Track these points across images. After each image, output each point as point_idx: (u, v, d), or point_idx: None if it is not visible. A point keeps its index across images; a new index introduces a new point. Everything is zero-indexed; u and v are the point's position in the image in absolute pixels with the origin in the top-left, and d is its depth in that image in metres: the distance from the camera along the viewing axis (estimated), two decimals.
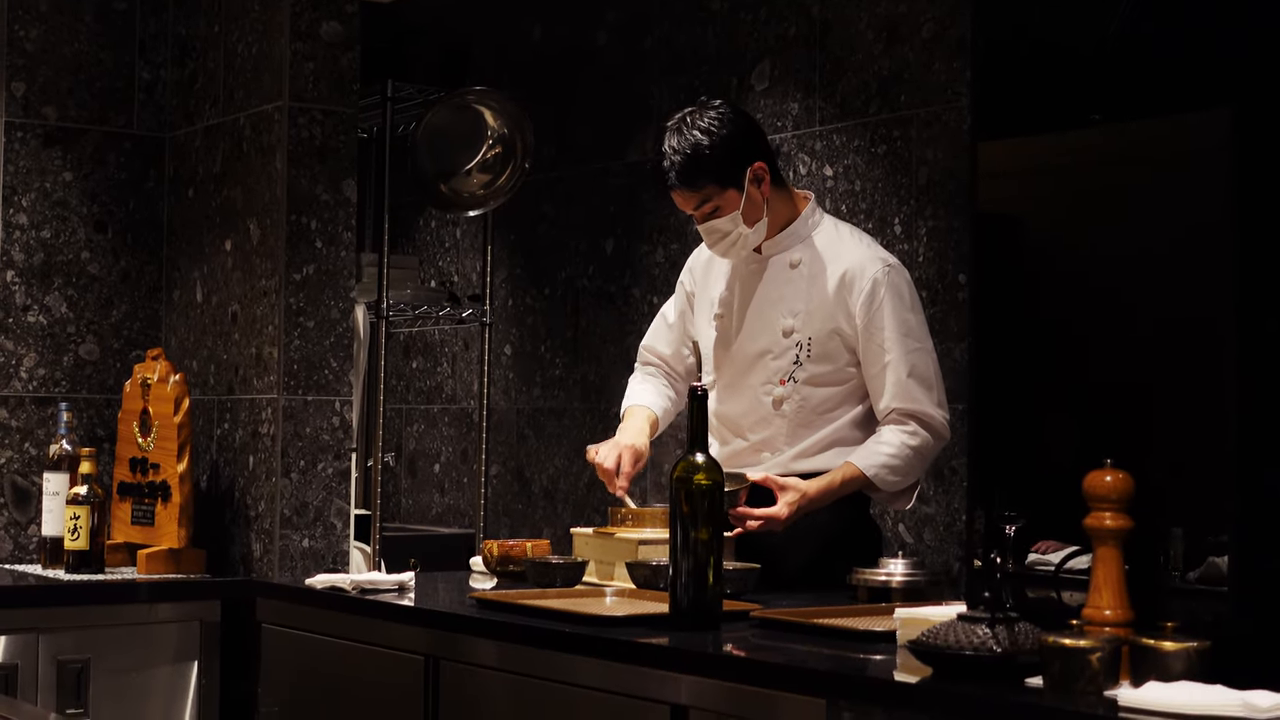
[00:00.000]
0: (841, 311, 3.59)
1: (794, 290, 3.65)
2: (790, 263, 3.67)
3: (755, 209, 3.61)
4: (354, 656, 3.37)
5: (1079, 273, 3.39)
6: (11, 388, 4.70)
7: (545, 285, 5.28)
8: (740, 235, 3.62)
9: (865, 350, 3.58)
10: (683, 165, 3.57)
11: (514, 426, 5.36)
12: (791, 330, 3.64)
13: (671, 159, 3.58)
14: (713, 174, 3.58)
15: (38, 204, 4.75)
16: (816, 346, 3.61)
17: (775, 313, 3.66)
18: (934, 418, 3.56)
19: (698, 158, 3.57)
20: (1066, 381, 3.32)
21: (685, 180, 3.58)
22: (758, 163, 3.60)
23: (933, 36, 4.13)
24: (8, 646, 4.01)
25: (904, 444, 3.54)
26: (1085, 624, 2.48)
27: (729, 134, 3.59)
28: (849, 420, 3.63)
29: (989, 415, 3.39)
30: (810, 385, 3.62)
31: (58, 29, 4.78)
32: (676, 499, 2.99)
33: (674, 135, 3.60)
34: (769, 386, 3.66)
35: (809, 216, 3.70)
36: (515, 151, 4.86)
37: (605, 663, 2.89)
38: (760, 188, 3.61)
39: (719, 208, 3.60)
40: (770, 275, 3.69)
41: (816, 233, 3.68)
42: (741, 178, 3.58)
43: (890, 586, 3.24)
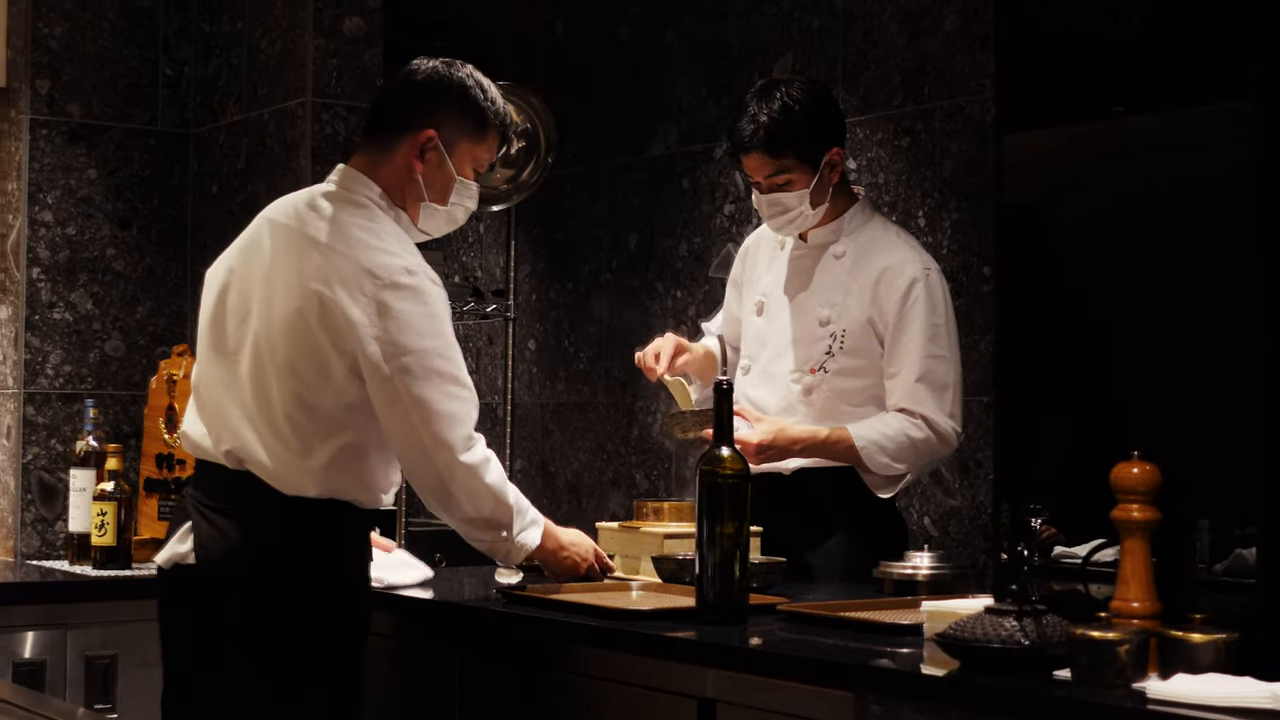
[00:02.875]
0: (875, 307, 3.59)
1: (833, 281, 3.65)
2: (834, 254, 3.66)
3: (822, 193, 3.60)
4: (379, 651, 3.38)
5: (1104, 264, 3.39)
6: (38, 384, 4.72)
7: (569, 280, 5.29)
8: (802, 215, 3.61)
9: (889, 349, 3.57)
10: (770, 129, 3.53)
11: (538, 421, 5.36)
12: (827, 320, 3.63)
13: (757, 120, 3.54)
14: (797, 146, 3.55)
15: (63, 201, 4.77)
16: (850, 339, 3.61)
17: (813, 301, 3.66)
18: (938, 424, 3.53)
19: (787, 125, 3.53)
20: (1092, 373, 3.32)
21: (769, 145, 3.55)
22: (837, 148, 3.60)
23: (956, 29, 4.12)
24: (36, 642, 4.02)
25: (903, 431, 3.52)
26: (1113, 616, 2.47)
27: (818, 110, 3.58)
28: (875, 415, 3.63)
29: (1014, 408, 3.39)
30: (841, 376, 3.62)
31: (82, 26, 4.79)
32: (702, 492, 2.99)
33: (761, 100, 3.56)
34: (799, 374, 3.65)
35: (859, 211, 3.69)
36: (538, 146, 4.86)
37: (632, 656, 2.90)
38: (833, 174, 3.60)
39: (791, 181, 3.58)
40: (813, 264, 3.68)
41: (864, 228, 3.67)
42: (820, 158, 3.57)
43: (916, 580, 3.23)
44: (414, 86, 3.23)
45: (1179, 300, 3.23)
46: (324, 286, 3.04)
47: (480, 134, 3.23)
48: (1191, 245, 3.23)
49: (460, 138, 3.21)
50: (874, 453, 3.51)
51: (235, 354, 3.14)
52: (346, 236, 3.09)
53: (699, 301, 4.79)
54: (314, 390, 3.05)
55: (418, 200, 3.20)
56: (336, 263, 3.06)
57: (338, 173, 3.22)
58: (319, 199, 3.18)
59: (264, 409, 3.08)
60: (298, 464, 3.06)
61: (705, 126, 4.82)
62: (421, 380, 3.02)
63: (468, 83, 3.23)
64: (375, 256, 3.06)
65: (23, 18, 4.74)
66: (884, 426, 3.53)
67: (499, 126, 3.26)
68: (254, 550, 3.07)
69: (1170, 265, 3.30)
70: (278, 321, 3.08)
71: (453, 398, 3.06)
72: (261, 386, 3.09)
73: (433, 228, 3.26)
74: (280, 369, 3.07)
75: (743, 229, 4.65)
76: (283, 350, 3.06)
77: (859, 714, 2.53)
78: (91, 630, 4.08)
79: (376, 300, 3.02)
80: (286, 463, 3.07)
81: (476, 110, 3.22)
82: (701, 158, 4.82)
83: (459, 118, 3.21)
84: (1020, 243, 3.43)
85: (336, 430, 3.07)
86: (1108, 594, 2.59)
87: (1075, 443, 3.42)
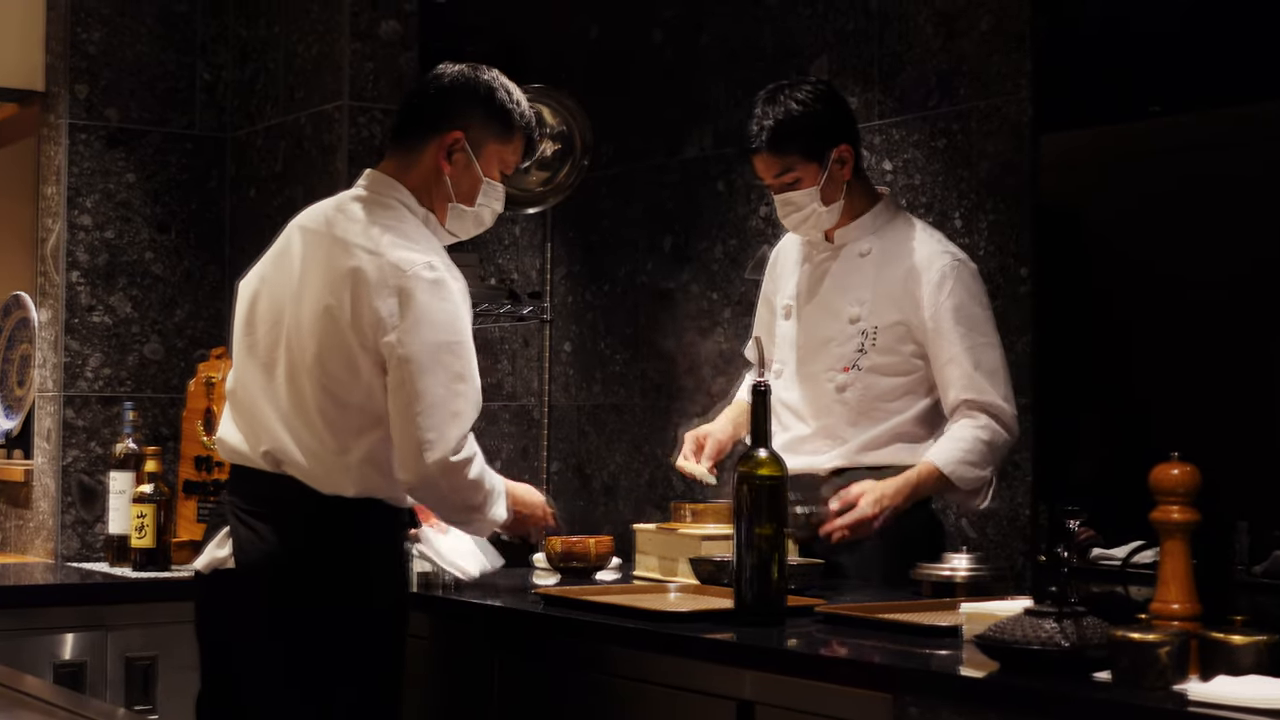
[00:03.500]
0: (908, 303, 3.59)
1: (862, 279, 3.65)
2: (860, 252, 3.68)
3: (834, 189, 3.63)
4: (417, 652, 3.39)
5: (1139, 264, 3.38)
6: (77, 387, 4.74)
7: (604, 282, 5.29)
8: (814, 212, 3.63)
9: (932, 343, 3.57)
10: (772, 131, 3.59)
11: (574, 423, 5.37)
12: (857, 318, 3.64)
13: (762, 123, 3.61)
14: (799, 144, 3.60)
15: (101, 205, 4.79)
16: (881, 336, 3.61)
17: (842, 300, 3.67)
18: (1004, 409, 3.53)
19: (788, 125, 3.59)
20: (1130, 374, 3.31)
21: (772, 146, 3.60)
22: (844, 144, 3.62)
23: (991, 29, 4.12)
24: (76, 644, 4.04)
25: (976, 438, 3.51)
26: (1153, 618, 2.47)
27: (822, 109, 3.63)
28: (913, 415, 3.62)
29: (1052, 409, 3.38)
30: (874, 374, 3.62)
31: (120, 31, 4.82)
32: (740, 494, 2.99)
33: (767, 102, 3.63)
34: (832, 373, 3.66)
35: (884, 210, 3.71)
36: (573, 149, 4.87)
37: (670, 658, 2.90)
38: (843, 170, 3.62)
39: (800, 179, 3.62)
40: (839, 263, 3.70)
41: (889, 225, 3.69)
42: (827, 155, 3.60)
43: (954, 581, 3.23)
44: (441, 90, 3.26)
45: (1215, 300, 3.22)
46: (351, 284, 3.08)
47: (507, 135, 3.26)
48: (1227, 245, 3.23)
49: (487, 139, 3.24)
50: (963, 471, 3.49)
51: (269, 358, 3.18)
52: (373, 236, 3.12)
53: (734, 303, 4.79)
54: (344, 387, 3.08)
55: (445, 201, 3.24)
56: (364, 260, 3.09)
57: (366, 177, 3.26)
58: (348, 203, 3.22)
59: (299, 408, 3.10)
60: (334, 461, 3.09)
61: (740, 128, 4.82)
62: (428, 373, 3.05)
63: (494, 85, 3.26)
64: (400, 252, 3.10)
65: (61, 23, 4.77)
66: (958, 442, 3.51)
67: (525, 128, 3.29)
68: (290, 553, 3.09)
69: (1206, 265, 3.30)
70: (307, 321, 3.11)
71: (457, 395, 3.09)
72: (295, 386, 3.12)
73: (460, 229, 3.29)
74: (311, 367, 3.09)
75: (778, 230, 4.65)
76: (313, 348, 3.09)
77: (898, 715, 2.53)
78: (131, 632, 4.10)
79: (399, 292, 3.05)
80: (323, 460, 3.09)
81: (503, 112, 3.25)
82: (736, 160, 4.82)
83: (485, 120, 3.24)
84: (1057, 243, 3.43)
85: (369, 426, 3.09)
86: (1146, 596, 2.58)
87: (1111, 444, 3.41)
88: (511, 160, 3.31)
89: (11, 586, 4.29)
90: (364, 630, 3.12)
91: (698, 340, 4.92)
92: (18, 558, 4.87)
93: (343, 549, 3.11)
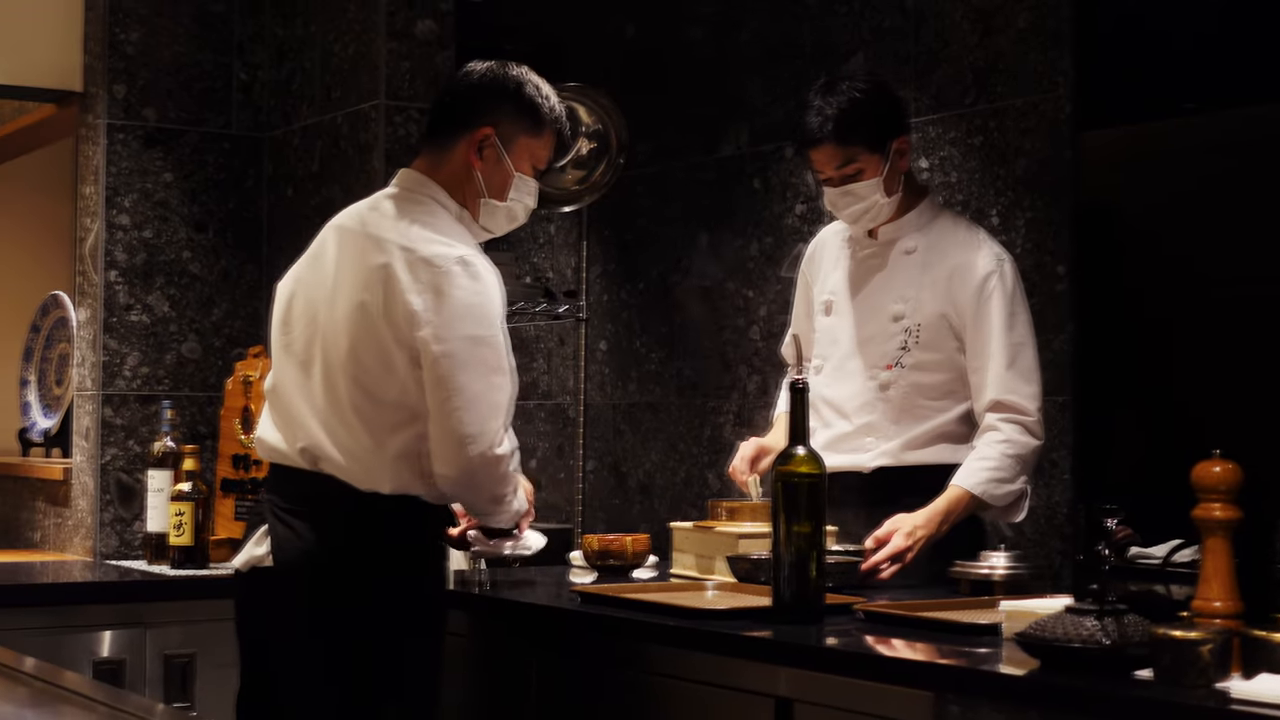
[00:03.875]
0: (951, 299, 3.58)
1: (906, 276, 3.65)
2: (905, 249, 3.67)
3: (894, 181, 3.62)
4: (455, 650, 3.39)
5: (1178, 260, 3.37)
6: (115, 386, 4.76)
7: (640, 280, 5.29)
8: (876, 204, 3.62)
9: (970, 340, 3.57)
10: (837, 120, 3.56)
11: (610, 422, 5.37)
12: (901, 315, 3.63)
13: (823, 113, 3.57)
14: (865, 134, 3.57)
15: (139, 205, 4.81)
16: (925, 333, 3.60)
17: (886, 298, 3.66)
18: (1031, 413, 3.52)
19: (854, 114, 3.56)
20: (1169, 371, 3.30)
21: (837, 136, 3.57)
22: (903, 137, 3.62)
23: (1029, 26, 4.10)
24: (115, 641, 4.06)
25: (1002, 453, 3.49)
26: (1195, 616, 2.46)
27: (885, 100, 3.63)
28: (957, 415, 3.61)
29: (1091, 407, 3.37)
30: (917, 371, 3.61)
31: (157, 32, 4.84)
32: (778, 492, 2.99)
33: (824, 94, 3.60)
34: (875, 370, 3.65)
35: (928, 207, 3.71)
36: (609, 147, 4.87)
37: (709, 656, 2.90)
38: (901, 161, 3.62)
39: (862, 170, 3.60)
40: (883, 260, 3.69)
41: (934, 222, 3.68)
42: (889, 146, 3.59)
43: (992, 580, 3.23)
44: (470, 86, 3.28)
45: (1254, 296, 3.21)
46: (384, 279, 3.09)
47: (537, 130, 3.28)
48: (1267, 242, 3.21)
49: (518, 134, 3.26)
50: (993, 489, 3.47)
51: (304, 355, 3.19)
52: (407, 232, 3.14)
53: (770, 301, 4.79)
54: (379, 382, 3.10)
55: (477, 197, 3.25)
56: (397, 256, 3.11)
57: (399, 176, 3.29)
58: (381, 201, 3.25)
59: (334, 406, 3.12)
60: (370, 458, 3.10)
61: (776, 126, 4.82)
62: (466, 368, 3.07)
63: (523, 80, 3.28)
64: (433, 247, 3.11)
65: (99, 24, 4.80)
66: (983, 461, 3.49)
67: (555, 123, 3.30)
68: (329, 551, 3.10)
69: (1245, 262, 3.28)
70: (341, 318, 3.13)
71: (495, 388, 3.10)
72: (330, 384, 3.13)
73: (494, 225, 3.30)
74: (345, 364, 3.11)
75: (814, 228, 4.64)
76: (347, 344, 3.11)
77: (938, 713, 2.52)
78: (170, 629, 4.12)
79: (433, 287, 3.07)
80: (359, 457, 3.10)
81: (532, 107, 3.27)
82: (773, 157, 4.82)
83: (515, 115, 3.26)
84: (1095, 240, 3.41)
85: (405, 422, 3.11)
86: (1185, 595, 2.58)
87: (1149, 442, 3.40)
88: (543, 155, 3.32)
89: (51, 584, 4.32)
90: (403, 628, 3.13)
91: (734, 338, 4.92)
92: (57, 556, 4.89)
93: (381, 547, 3.12)
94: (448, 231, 3.18)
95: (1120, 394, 3.47)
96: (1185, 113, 3.24)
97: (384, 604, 3.11)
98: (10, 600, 4.01)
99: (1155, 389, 3.49)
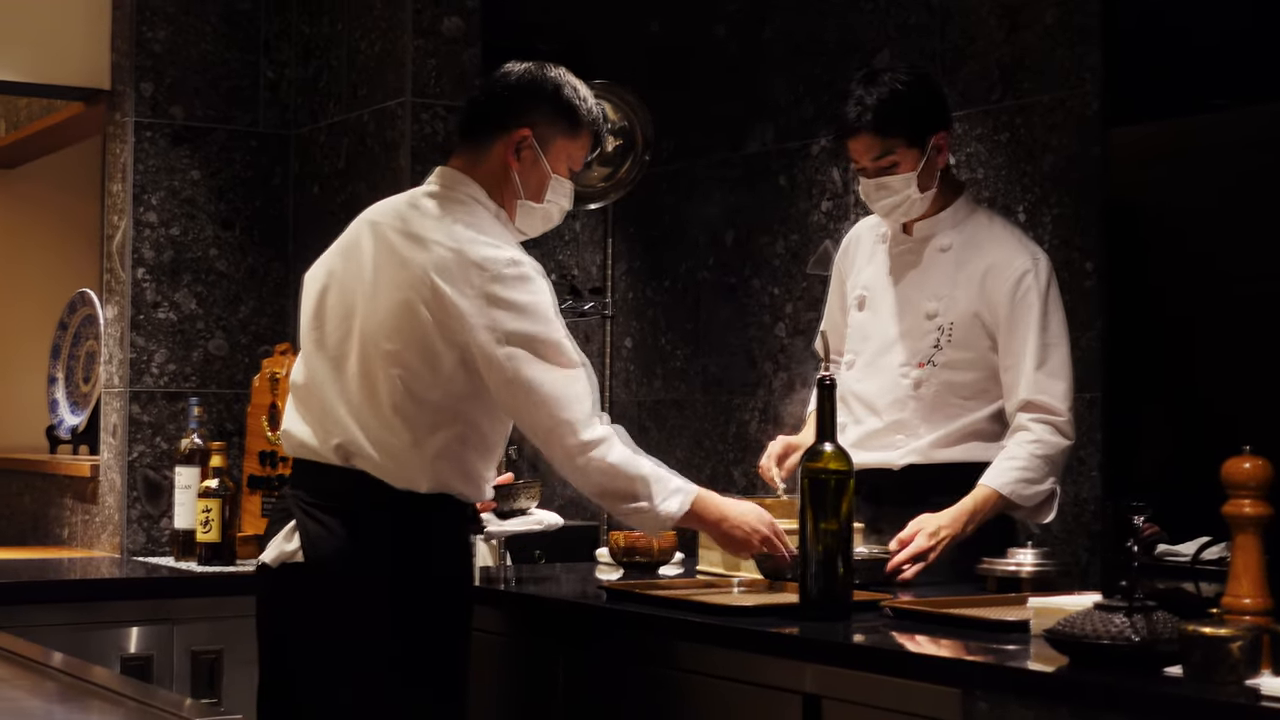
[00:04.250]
0: (985, 298, 3.57)
1: (940, 274, 3.63)
2: (940, 247, 3.65)
3: (930, 177, 3.60)
4: (483, 646, 3.40)
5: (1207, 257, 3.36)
6: (143, 383, 4.78)
7: (666, 277, 5.29)
8: (909, 199, 3.59)
9: (1003, 341, 3.55)
10: (877, 110, 3.54)
11: (635, 419, 5.37)
12: (934, 313, 3.61)
13: (863, 103, 3.55)
14: (904, 126, 3.55)
15: (166, 202, 4.83)
16: (958, 331, 3.59)
17: (920, 295, 3.65)
18: (1062, 413, 3.50)
19: (895, 105, 3.54)
20: (1198, 367, 3.29)
21: (877, 126, 3.55)
22: (942, 132, 3.60)
23: (1056, 22, 4.10)
24: (142, 638, 4.08)
25: (1031, 454, 3.47)
26: (1224, 612, 2.45)
27: (924, 94, 3.60)
28: (989, 413, 3.59)
29: (1119, 403, 3.36)
30: (948, 369, 3.60)
31: (185, 30, 4.85)
32: (805, 489, 2.99)
33: (866, 84, 3.58)
34: (907, 368, 3.64)
35: (964, 204, 3.68)
36: (635, 144, 4.87)
37: (736, 653, 2.90)
38: (939, 157, 3.60)
39: (898, 164, 3.57)
40: (918, 257, 3.67)
41: (969, 220, 3.66)
42: (926, 140, 3.57)
43: (1020, 576, 3.21)
44: (509, 87, 3.27)
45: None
46: (432, 279, 3.08)
47: (574, 132, 3.26)
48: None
49: (555, 135, 3.24)
50: (1022, 489, 3.46)
51: (338, 351, 3.18)
52: (451, 232, 3.13)
53: (796, 299, 4.78)
54: (423, 381, 3.09)
55: (514, 198, 3.24)
56: (443, 256, 3.10)
57: (437, 174, 3.27)
58: (421, 199, 3.23)
59: (372, 403, 3.11)
60: (408, 456, 3.10)
61: (802, 123, 4.82)
62: (534, 364, 3.06)
63: (560, 82, 3.26)
64: (481, 250, 3.10)
65: (127, 22, 4.81)
66: (1013, 460, 3.48)
67: (592, 125, 3.29)
68: (363, 548, 3.10)
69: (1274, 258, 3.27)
70: (384, 315, 3.12)
71: (569, 380, 3.10)
72: (369, 381, 3.12)
73: (529, 227, 3.30)
74: (387, 362, 3.10)
75: (840, 225, 4.64)
76: (389, 343, 3.10)
77: (966, 710, 2.52)
78: (197, 625, 4.13)
79: (485, 292, 3.06)
80: (396, 456, 3.10)
81: (570, 109, 3.25)
82: (798, 154, 4.82)
83: (553, 116, 3.24)
84: (1123, 237, 3.40)
85: (446, 422, 3.10)
86: (1214, 591, 2.57)
87: (1177, 439, 3.39)
88: (579, 156, 3.31)
89: (79, 580, 4.33)
90: (431, 624, 3.13)
91: (759, 335, 4.92)
92: (85, 552, 4.91)
93: (417, 545, 3.12)
94: (492, 232, 3.18)
95: (1148, 390, 3.46)
96: (1214, 108, 3.23)
97: (416, 602, 3.11)
98: (39, 596, 4.03)
99: (1184, 385, 3.47)
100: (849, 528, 2.98)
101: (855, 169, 3.67)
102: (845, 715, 2.72)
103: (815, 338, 4.00)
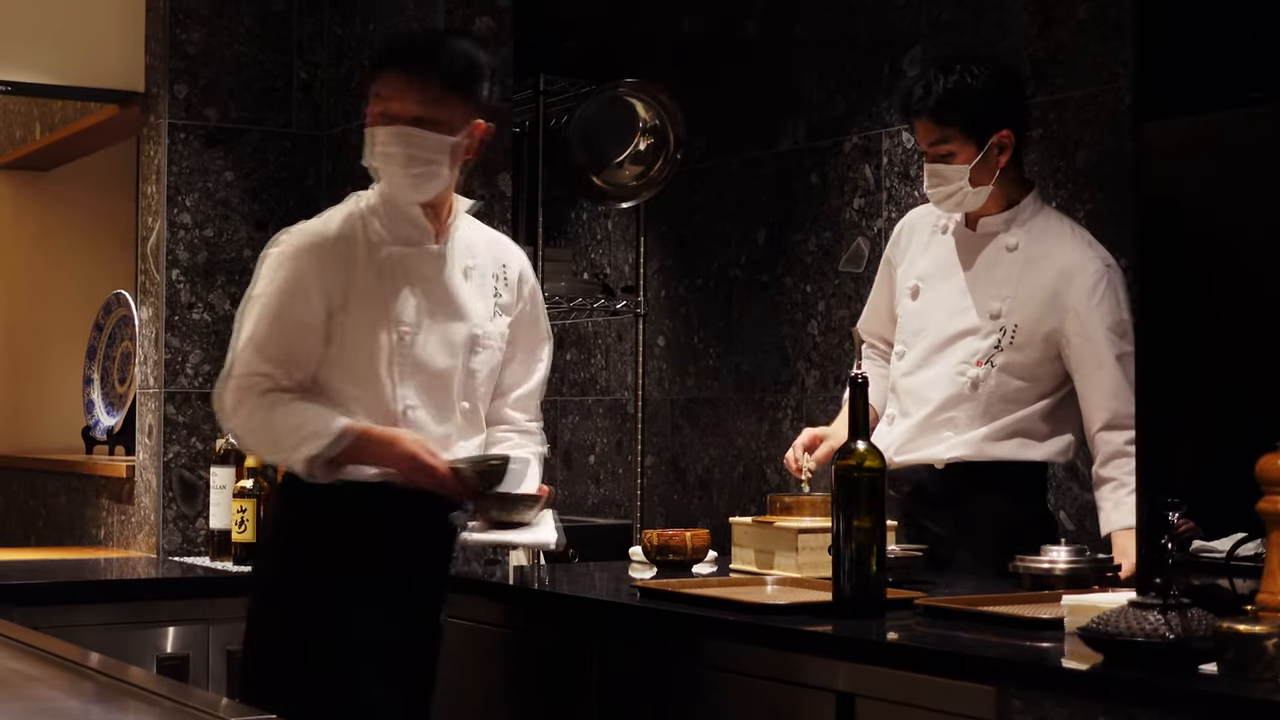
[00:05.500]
0: (1055, 305, 3.52)
1: (1006, 274, 3.59)
2: (1007, 245, 3.61)
3: (986, 173, 3.56)
4: (516, 645, 3.40)
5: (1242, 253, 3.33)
6: (178, 384, 4.80)
7: (698, 275, 5.29)
8: (961, 191, 3.57)
9: (1079, 349, 3.51)
10: (940, 96, 3.53)
11: (668, 417, 5.37)
12: (999, 314, 3.57)
13: (929, 87, 3.55)
14: (961, 118, 3.53)
15: (200, 203, 4.85)
16: (1021, 334, 3.55)
17: (984, 294, 3.61)
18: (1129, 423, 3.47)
19: (957, 95, 3.53)
20: (1234, 364, 3.27)
21: (935, 112, 3.54)
22: (1008, 130, 3.56)
23: (1089, 17, 4.08)
24: (178, 637, 4.09)
25: (1125, 483, 3.43)
26: (1259, 609, 2.44)
27: (994, 89, 3.57)
28: (1038, 411, 3.56)
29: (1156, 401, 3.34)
30: (1006, 373, 3.56)
31: (218, 32, 4.87)
32: (838, 487, 2.98)
33: (941, 69, 3.58)
34: (965, 366, 3.60)
35: (1032, 202, 3.64)
36: (667, 142, 4.87)
37: (770, 650, 2.90)
38: (1000, 156, 3.56)
39: (954, 153, 3.55)
40: (984, 254, 3.63)
41: (1036, 220, 3.63)
42: (987, 136, 3.54)
43: (1054, 574, 3.20)
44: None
45: None
46: None
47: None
48: None
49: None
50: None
51: None
52: None
53: (828, 296, 4.78)
54: None
55: None
56: None
57: None
58: None
59: None
60: None
61: (834, 120, 4.81)
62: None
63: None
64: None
65: (161, 24, 4.83)
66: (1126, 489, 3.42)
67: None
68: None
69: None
70: None
71: (244, 321, 3.50)
72: None
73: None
74: None
75: (872, 223, 4.64)
76: None
77: (1001, 708, 2.51)
78: (233, 625, 4.13)
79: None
80: None
81: None
82: (830, 152, 4.81)
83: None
84: (1157, 232, 3.38)
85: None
86: (1249, 589, 2.55)
87: (1212, 436, 3.37)
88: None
89: (115, 581, 4.35)
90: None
91: (792, 333, 4.91)
92: (121, 552, 4.93)
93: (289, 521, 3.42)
94: None
95: (1183, 387, 3.44)
96: (1250, 102, 3.20)
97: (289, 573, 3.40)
98: (76, 597, 4.04)
99: (1219, 381, 3.46)
100: (882, 525, 2.98)
101: (920, 151, 3.66)
102: (879, 713, 2.72)
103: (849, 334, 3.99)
